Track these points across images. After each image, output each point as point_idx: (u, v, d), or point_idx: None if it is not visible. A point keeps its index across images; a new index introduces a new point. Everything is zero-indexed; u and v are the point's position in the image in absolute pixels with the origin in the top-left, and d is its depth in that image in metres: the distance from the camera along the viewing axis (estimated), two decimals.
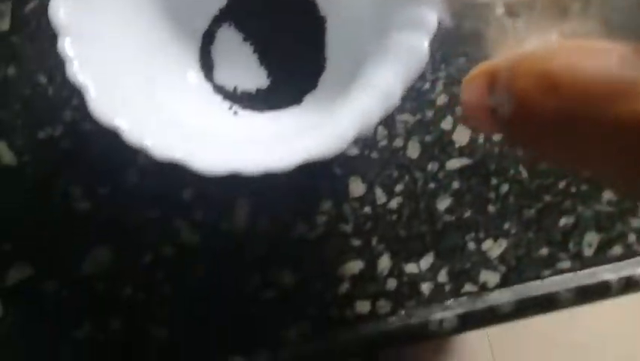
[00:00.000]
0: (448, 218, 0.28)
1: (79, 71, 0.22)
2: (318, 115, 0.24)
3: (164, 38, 0.27)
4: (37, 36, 0.31)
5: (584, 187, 0.28)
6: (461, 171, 0.29)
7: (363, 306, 0.28)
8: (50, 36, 0.23)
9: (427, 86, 0.30)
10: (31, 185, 0.29)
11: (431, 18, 0.23)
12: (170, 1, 0.27)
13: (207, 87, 0.26)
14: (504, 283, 0.28)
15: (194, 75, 0.27)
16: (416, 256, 0.28)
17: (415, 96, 0.29)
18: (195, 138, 0.23)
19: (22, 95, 0.30)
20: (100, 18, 0.24)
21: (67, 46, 0.23)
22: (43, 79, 0.30)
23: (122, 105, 0.23)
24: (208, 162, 0.22)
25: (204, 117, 0.24)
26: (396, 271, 0.28)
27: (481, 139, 0.29)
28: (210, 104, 0.25)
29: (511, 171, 0.29)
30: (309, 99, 0.25)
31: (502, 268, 0.28)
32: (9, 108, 0.30)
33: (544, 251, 0.28)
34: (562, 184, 0.29)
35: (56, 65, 0.24)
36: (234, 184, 0.23)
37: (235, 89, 0.26)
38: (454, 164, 0.29)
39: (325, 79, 0.26)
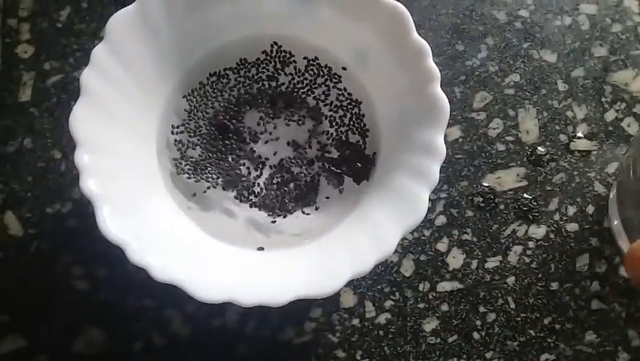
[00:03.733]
0: (432, 340, 0.29)
1: (93, 185, 0.23)
2: (316, 249, 0.25)
3: None
4: (56, 110, 0.32)
5: (568, 325, 0.29)
6: (451, 295, 0.30)
7: None
8: (69, 113, 0.24)
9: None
10: (34, 259, 0.30)
11: (435, 171, 0.24)
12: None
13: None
14: None
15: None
16: None
17: None
18: (196, 263, 0.24)
19: (35, 167, 0.31)
20: (115, 136, 0.25)
21: (84, 158, 0.23)
22: (57, 154, 0.31)
23: (129, 222, 0.23)
24: (206, 289, 0.23)
25: (207, 245, 0.25)
26: None
27: (474, 265, 0.30)
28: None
29: (500, 301, 0.30)
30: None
31: None
32: (21, 179, 0.31)
33: None
34: (547, 320, 0.29)
35: (72, 142, 0.24)
36: None
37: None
38: (444, 286, 0.30)
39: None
